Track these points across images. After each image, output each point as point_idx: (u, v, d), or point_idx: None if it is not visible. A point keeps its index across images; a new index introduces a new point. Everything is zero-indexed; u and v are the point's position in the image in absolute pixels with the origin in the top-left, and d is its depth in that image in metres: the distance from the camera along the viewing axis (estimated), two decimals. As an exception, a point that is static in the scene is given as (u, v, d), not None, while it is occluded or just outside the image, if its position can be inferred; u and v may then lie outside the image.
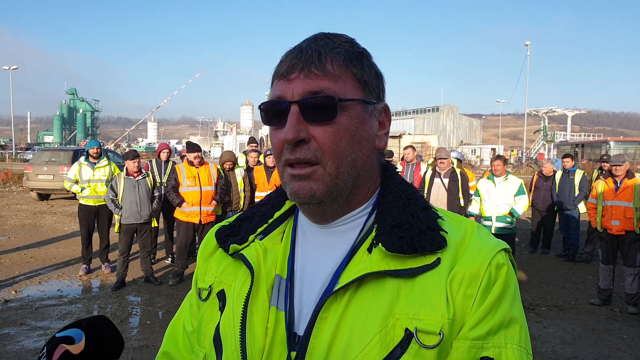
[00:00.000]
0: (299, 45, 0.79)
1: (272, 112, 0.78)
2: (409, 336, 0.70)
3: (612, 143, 34.01)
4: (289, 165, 0.77)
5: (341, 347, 0.71)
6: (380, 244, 0.74)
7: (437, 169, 7.13)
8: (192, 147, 6.76)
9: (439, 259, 0.74)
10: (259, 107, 0.80)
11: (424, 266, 0.73)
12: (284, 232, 0.87)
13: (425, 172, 7.54)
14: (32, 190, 15.52)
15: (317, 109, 0.74)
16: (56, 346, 0.79)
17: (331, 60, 0.76)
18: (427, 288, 0.72)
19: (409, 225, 0.76)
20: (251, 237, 0.85)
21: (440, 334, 0.70)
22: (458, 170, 7.17)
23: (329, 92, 0.74)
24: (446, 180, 7.04)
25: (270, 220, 0.87)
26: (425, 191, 7.22)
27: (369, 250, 0.77)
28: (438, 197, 7.10)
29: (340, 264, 0.78)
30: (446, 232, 0.77)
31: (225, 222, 0.93)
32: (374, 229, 0.78)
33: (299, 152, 0.75)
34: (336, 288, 0.74)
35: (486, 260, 0.74)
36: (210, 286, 0.87)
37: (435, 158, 7.37)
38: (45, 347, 0.80)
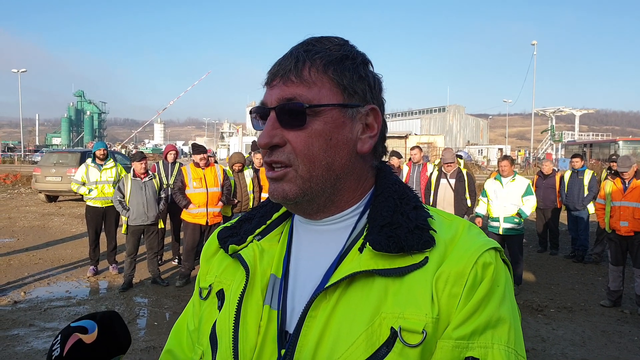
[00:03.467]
0: (286, 53, 0.82)
1: (258, 117, 0.83)
2: (393, 335, 0.70)
3: (620, 142, 33.75)
4: (268, 168, 0.81)
5: (329, 344, 0.72)
6: (368, 243, 0.76)
7: (443, 169, 7.12)
8: (197, 148, 6.77)
9: (426, 257, 0.74)
10: (249, 112, 0.85)
11: (411, 265, 0.74)
12: (282, 233, 0.89)
13: (431, 173, 7.54)
14: (40, 192, 15.62)
15: (289, 115, 0.77)
16: (70, 334, 0.82)
17: (309, 66, 0.78)
18: (413, 287, 0.73)
19: (397, 225, 0.76)
20: (250, 238, 0.88)
21: (423, 332, 0.70)
22: (464, 171, 7.15)
23: (301, 99, 0.77)
24: (452, 181, 7.03)
25: (268, 222, 0.90)
26: (432, 192, 7.21)
27: (360, 250, 0.78)
28: (445, 198, 7.09)
29: (332, 263, 0.79)
30: (435, 231, 0.77)
31: (228, 224, 0.95)
32: (365, 229, 0.79)
33: (274, 155, 0.79)
34: (326, 286, 0.75)
35: (472, 259, 0.74)
36: (210, 285, 0.89)
37: (441, 159, 7.36)
38: (60, 335, 0.82)
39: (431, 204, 7.29)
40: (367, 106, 0.82)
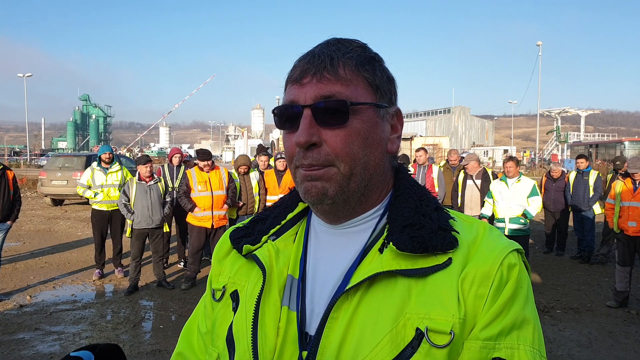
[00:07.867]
0: (311, 51, 0.79)
1: (285, 117, 0.79)
2: (419, 335, 0.69)
3: (626, 143, 33.52)
4: (303, 168, 0.78)
5: (352, 346, 0.71)
6: (391, 244, 0.75)
7: (467, 171, 7.30)
8: (202, 154, 6.74)
9: (450, 258, 0.74)
10: (272, 112, 0.81)
11: (435, 266, 0.73)
12: (297, 233, 0.88)
13: (457, 175, 7.79)
14: (46, 196, 15.73)
15: (329, 113, 0.75)
16: None
17: (343, 65, 0.76)
18: (438, 288, 0.72)
19: (420, 226, 0.76)
20: (264, 238, 0.86)
21: (451, 333, 0.69)
22: (490, 171, 7.31)
23: (340, 97, 0.74)
24: (478, 182, 7.32)
25: (283, 222, 0.88)
26: (459, 194, 7.41)
27: (381, 250, 0.77)
28: (472, 199, 7.30)
29: (352, 264, 0.78)
30: (458, 233, 0.77)
31: (239, 224, 0.94)
32: (386, 230, 0.78)
33: (310, 156, 0.75)
34: (347, 287, 0.74)
35: (498, 260, 0.73)
36: (224, 287, 0.88)
37: (444, 158, 7.41)
38: None
39: (459, 205, 7.54)
40: (394, 107, 0.83)
